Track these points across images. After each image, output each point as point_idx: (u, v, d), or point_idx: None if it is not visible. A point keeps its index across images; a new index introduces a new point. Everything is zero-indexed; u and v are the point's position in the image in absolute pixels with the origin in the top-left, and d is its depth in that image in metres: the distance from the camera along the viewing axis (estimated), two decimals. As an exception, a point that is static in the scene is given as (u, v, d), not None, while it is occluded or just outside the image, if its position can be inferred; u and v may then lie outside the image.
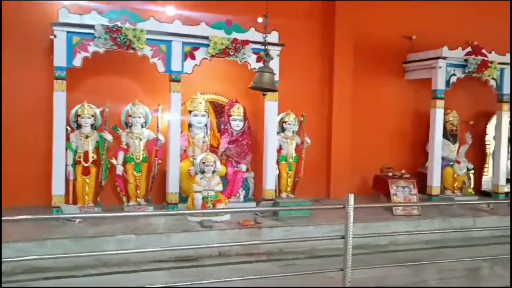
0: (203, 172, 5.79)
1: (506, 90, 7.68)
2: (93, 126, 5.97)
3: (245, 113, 6.68)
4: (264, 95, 4.38)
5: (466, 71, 7.30)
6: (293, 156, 6.90)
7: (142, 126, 6.17)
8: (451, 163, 7.71)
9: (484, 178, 8.39)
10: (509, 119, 8.42)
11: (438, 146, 7.39)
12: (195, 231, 5.30)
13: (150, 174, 6.23)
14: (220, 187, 5.86)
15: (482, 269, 5.04)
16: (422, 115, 7.93)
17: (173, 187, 6.00)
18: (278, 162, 6.84)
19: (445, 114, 7.84)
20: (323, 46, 7.50)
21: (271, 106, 6.42)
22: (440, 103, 7.31)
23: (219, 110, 6.76)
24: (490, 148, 8.35)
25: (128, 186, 6.11)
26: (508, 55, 7.64)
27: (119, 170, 6.00)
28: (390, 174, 6.96)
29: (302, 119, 7.01)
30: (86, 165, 5.85)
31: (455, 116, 7.88)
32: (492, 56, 7.48)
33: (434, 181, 7.37)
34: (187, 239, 5.21)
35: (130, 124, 6.14)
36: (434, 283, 4.65)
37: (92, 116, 5.93)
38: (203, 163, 5.77)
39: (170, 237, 5.15)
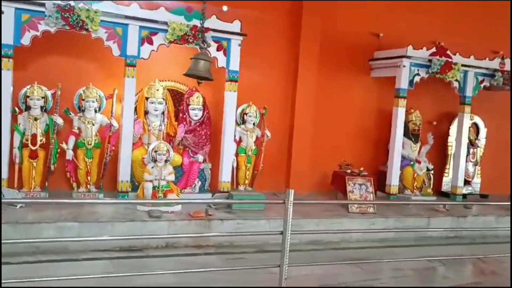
0: (155, 161, 5.64)
1: (468, 93, 7.71)
2: (43, 108, 5.75)
3: (204, 102, 6.53)
4: (199, 83, 4.23)
5: (430, 71, 7.29)
6: (252, 148, 6.81)
7: (95, 111, 5.99)
8: (412, 162, 7.72)
9: (444, 179, 8.44)
10: (471, 121, 8.54)
11: (398, 145, 7.39)
12: (141, 221, 5.16)
13: (102, 160, 6.05)
14: (172, 177, 5.72)
15: (429, 270, 5.04)
16: (386, 114, 7.89)
17: (124, 175, 5.83)
18: (237, 154, 6.75)
19: (408, 113, 7.85)
20: (290, 41, 7.35)
21: (230, 96, 6.29)
22: (402, 102, 7.30)
23: (178, 98, 6.60)
24: (452, 150, 8.40)
25: (78, 172, 5.93)
26: (472, 57, 7.67)
27: (69, 155, 5.81)
28: (349, 171, 6.92)
29: (263, 111, 6.91)
30: (34, 148, 5.64)
31: (418, 116, 7.87)
32: (457, 58, 7.49)
33: (393, 180, 7.37)
34: (133, 229, 5.08)
35: (83, 108, 5.95)
36: (377, 282, 4.61)
37: (43, 97, 5.72)
38: (155, 151, 5.62)
39: (115, 226, 5.01)
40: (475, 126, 8.71)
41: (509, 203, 7.31)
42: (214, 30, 5.99)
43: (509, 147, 8.66)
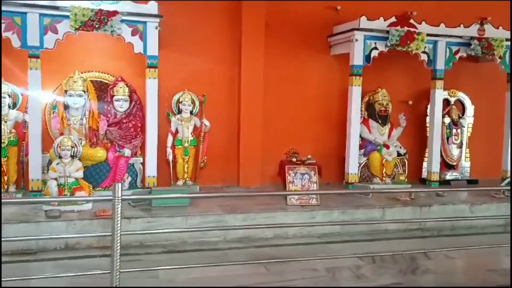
0: (60, 157, 5.27)
1: (439, 66, 6.80)
2: None
3: (131, 92, 6.11)
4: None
5: (388, 44, 6.46)
6: (189, 140, 6.31)
7: (9, 107, 5.70)
8: (379, 147, 6.93)
9: (424, 164, 7.55)
10: (453, 98, 7.63)
11: (355, 128, 6.64)
12: (35, 222, 4.80)
13: (19, 159, 5.77)
14: (79, 174, 5.31)
15: (349, 269, 4.33)
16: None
17: (34, 173, 5.50)
18: (173, 147, 6.30)
19: (374, 92, 7.08)
20: (231, 22, 6.71)
21: (150, 84, 5.80)
22: (357, 80, 6.53)
23: (104, 90, 6.19)
24: (432, 131, 7.50)
25: (-7, 172, 5.67)
26: (443, 25, 6.75)
27: (-22, 155, 5.56)
28: (294, 159, 6.25)
29: (202, 99, 6.40)
30: None
31: (384, 95, 7.05)
32: (422, 27, 6.60)
33: (351, 168, 6.62)
34: (27, 231, 4.73)
35: (-5, 104, 5.67)
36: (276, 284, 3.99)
37: None
38: (59, 147, 5.24)
39: (4, 228, 4.67)
40: (460, 104, 7.75)
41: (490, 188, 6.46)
42: (126, 13, 5.53)
43: (503, 126, 7.60)
